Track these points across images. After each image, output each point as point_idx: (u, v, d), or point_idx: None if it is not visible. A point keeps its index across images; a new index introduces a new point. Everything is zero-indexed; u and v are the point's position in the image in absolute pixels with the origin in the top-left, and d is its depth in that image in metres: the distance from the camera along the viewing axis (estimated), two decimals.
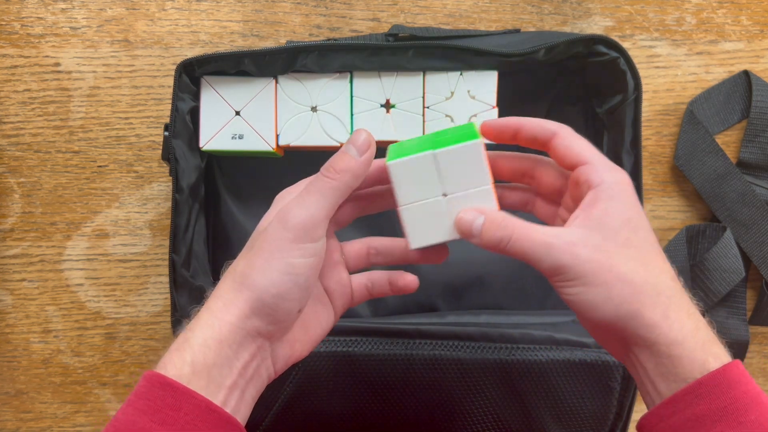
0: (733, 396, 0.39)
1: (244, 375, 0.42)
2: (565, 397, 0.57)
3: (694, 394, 0.39)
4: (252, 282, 0.41)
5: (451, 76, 0.57)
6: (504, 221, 0.42)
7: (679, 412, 0.40)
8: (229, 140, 0.57)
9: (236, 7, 0.65)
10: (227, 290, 0.42)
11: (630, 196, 0.42)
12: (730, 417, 0.39)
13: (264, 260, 0.41)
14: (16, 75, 0.65)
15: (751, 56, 0.66)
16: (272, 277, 0.41)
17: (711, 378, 0.39)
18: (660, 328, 0.40)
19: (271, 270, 0.41)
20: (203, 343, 0.40)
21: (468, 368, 0.57)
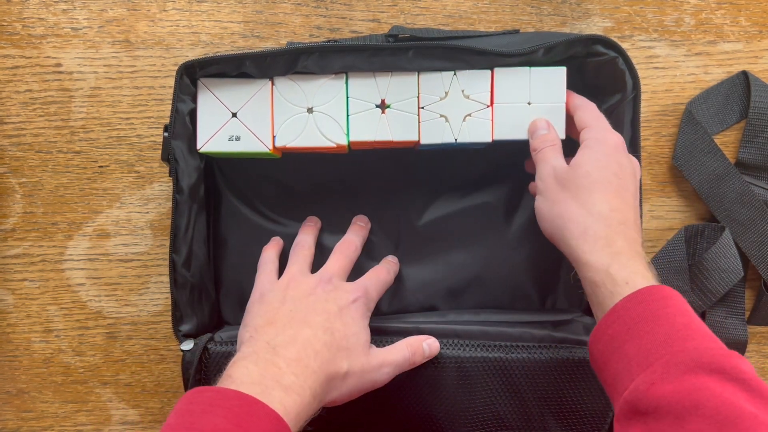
0: (666, 304, 0.46)
1: None
2: (565, 396, 0.57)
3: (632, 302, 0.46)
4: (335, 373, 0.51)
5: (445, 75, 0.58)
6: (552, 137, 0.57)
7: (619, 319, 0.46)
8: (226, 142, 0.58)
9: (237, 8, 0.65)
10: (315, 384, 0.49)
11: (598, 149, 0.53)
12: (662, 320, 0.45)
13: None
14: (18, 75, 0.65)
15: (749, 57, 0.67)
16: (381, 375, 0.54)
17: (648, 290, 0.47)
18: (577, 247, 0.51)
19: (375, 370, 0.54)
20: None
21: (468, 367, 0.57)
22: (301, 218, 0.63)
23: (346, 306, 0.54)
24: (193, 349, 0.56)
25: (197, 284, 0.59)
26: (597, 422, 0.58)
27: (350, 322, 0.54)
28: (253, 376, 0.46)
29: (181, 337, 0.58)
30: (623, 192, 0.52)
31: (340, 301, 0.54)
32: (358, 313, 0.55)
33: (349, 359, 0.52)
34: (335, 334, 0.52)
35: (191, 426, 0.42)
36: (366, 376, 0.53)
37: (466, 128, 0.58)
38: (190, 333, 0.58)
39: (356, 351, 0.53)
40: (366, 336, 0.54)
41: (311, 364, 0.49)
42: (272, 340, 0.50)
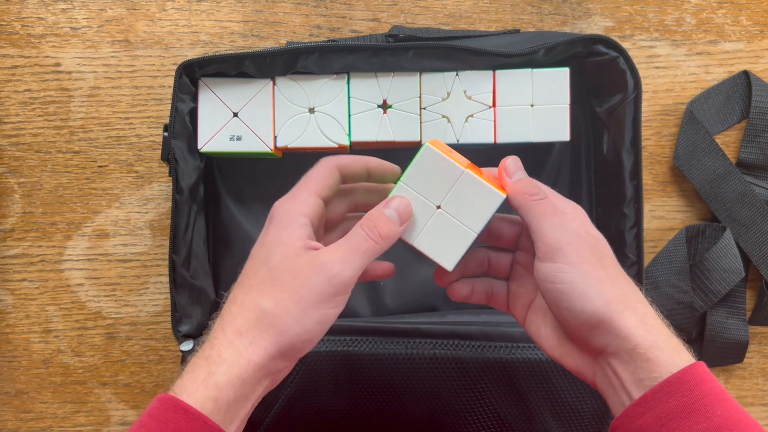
0: (701, 392, 0.40)
1: (255, 403, 0.43)
2: (566, 396, 0.57)
3: (663, 392, 0.40)
4: (284, 327, 0.42)
5: (447, 76, 0.58)
6: (542, 185, 0.46)
7: (650, 411, 0.40)
8: (228, 142, 0.57)
9: (236, 7, 0.65)
10: (252, 328, 0.42)
11: (591, 223, 0.46)
12: (699, 412, 0.40)
13: (301, 309, 0.42)
14: (17, 75, 0.65)
15: (750, 56, 0.66)
16: (307, 326, 0.42)
17: (679, 376, 0.40)
18: (640, 331, 0.42)
19: (307, 319, 0.42)
20: (229, 381, 0.41)
21: (468, 367, 0.57)
22: None
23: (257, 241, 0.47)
24: (193, 349, 0.56)
25: (197, 285, 0.59)
26: (597, 422, 0.58)
27: (256, 251, 0.46)
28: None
29: (180, 337, 0.58)
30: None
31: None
32: (263, 236, 0.46)
33: (263, 295, 0.43)
34: (242, 280, 0.46)
35: None
36: (296, 293, 0.43)
37: (468, 129, 0.58)
38: (189, 333, 0.58)
39: (272, 281, 0.44)
40: (284, 249, 0.44)
41: (226, 328, 0.44)
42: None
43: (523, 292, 0.49)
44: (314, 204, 0.46)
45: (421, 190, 0.46)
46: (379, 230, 0.44)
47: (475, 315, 0.61)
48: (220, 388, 0.41)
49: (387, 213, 0.45)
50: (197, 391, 0.41)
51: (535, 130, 0.58)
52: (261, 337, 0.42)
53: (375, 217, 0.45)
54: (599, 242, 0.45)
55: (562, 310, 0.43)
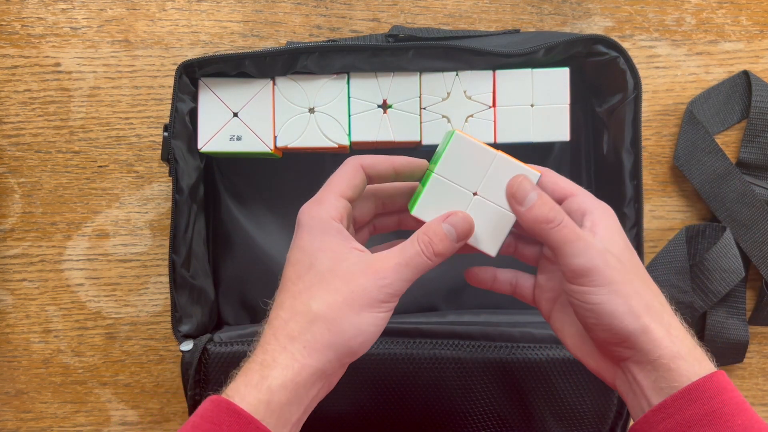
0: (722, 401, 0.40)
1: (309, 409, 0.44)
2: (566, 396, 0.57)
3: (684, 399, 0.40)
4: (340, 329, 0.42)
5: (447, 76, 0.58)
6: (557, 207, 0.44)
7: (670, 417, 0.41)
8: (228, 142, 0.57)
9: (236, 7, 0.65)
10: (305, 332, 0.42)
11: (619, 225, 0.45)
12: (719, 421, 0.40)
13: (356, 311, 0.42)
14: (17, 75, 0.65)
15: (750, 56, 0.66)
16: (362, 327, 0.42)
17: (700, 384, 0.40)
18: (665, 342, 0.42)
19: (362, 321, 0.42)
20: (282, 385, 0.41)
21: (468, 367, 0.57)
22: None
23: (289, 248, 0.46)
24: (193, 349, 0.56)
25: (197, 285, 0.59)
26: (597, 422, 0.58)
27: (297, 257, 0.45)
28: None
29: (180, 337, 0.58)
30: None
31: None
32: (300, 241, 0.45)
33: (314, 297, 0.43)
34: (287, 285, 0.45)
35: None
36: (343, 294, 0.43)
37: (468, 129, 0.58)
38: (189, 333, 0.58)
39: (320, 283, 0.43)
40: (328, 254, 0.44)
41: (277, 332, 0.44)
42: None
43: (549, 287, 0.49)
44: (341, 206, 0.45)
45: (456, 178, 0.46)
46: (434, 247, 0.44)
47: (475, 315, 0.61)
48: (272, 392, 0.41)
49: (445, 229, 0.45)
50: (250, 395, 0.41)
51: (535, 130, 0.58)
52: (315, 340, 0.42)
53: (432, 233, 0.44)
54: (625, 253, 0.44)
55: (590, 325, 0.44)
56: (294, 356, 0.42)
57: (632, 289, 0.43)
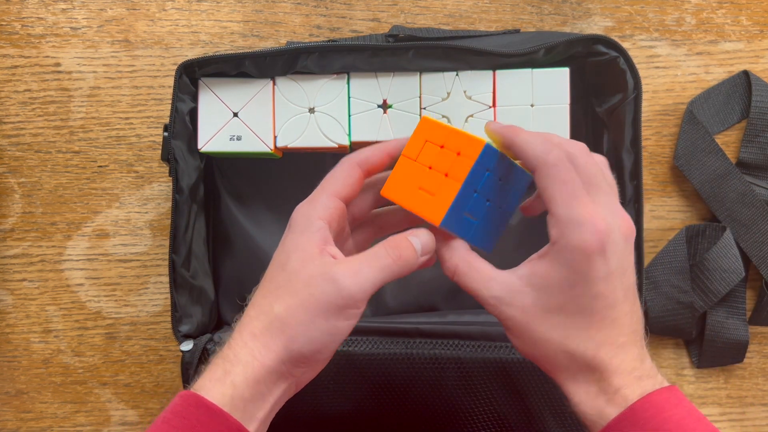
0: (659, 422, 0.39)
1: (275, 407, 0.44)
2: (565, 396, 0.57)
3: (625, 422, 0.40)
4: (292, 333, 0.42)
5: (447, 76, 0.57)
6: (453, 244, 0.46)
7: None
8: (228, 142, 0.57)
9: (236, 7, 0.65)
10: (264, 332, 0.42)
11: (582, 259, 0.40)
12: None
13: (309, 318, 0.42)
14: (17, 75, 0.65)
15: (750, 56, 0.66)
16: (313, 336, 0.42)
17: (633, 409, 0.40)
18: (568, 393, 0.42)
19: (314, 329, 0.42)
20: (244, 381, 0.41)
21: (468, 367, 0.57)
22: None
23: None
24: (193, 349, 0.56)
25: (196, 285, 0.59)
26: None
27: (276, 257, 0.46)
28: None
29: (180, 337, 0.58)
30: (611, 311, 0.43)
31: None
32: (282, 243, 0.45)
33: (278, 300, 0.43)
34: (262, 284, 0.45)
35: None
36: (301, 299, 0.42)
37: (468, 129, 0.58)
38: (189, 333, 0.58)
39: (286, 286, 0.43)
40: (299, 255, 0.43)
41: (242, 330, 0.44)
42: None
43: None
44: (332, 206, 0.45)
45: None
46: (401, 252, 0.44)
47: (475, 315, 0.61)
48: (235, 387, 0.41)
49: (412, 240, 0.44)
50: (214, 388, 0.41)
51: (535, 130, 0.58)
52: (272, 341, 0.42)
53: (398, 241, 0.44)
54: (545, 298, 0.42)
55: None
56: (253, 353, 0.42)
57: (538, 338, 0.42)
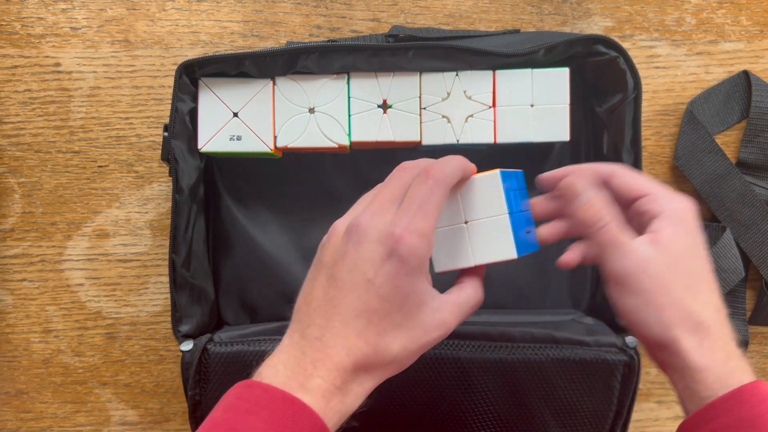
0: (757, 412, 0.41)
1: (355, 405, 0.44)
2: (566, 396, 0.57)
3: (716, 410, 0.42)
4: (382, 361, 0.43)
5: (447, 76, 0.58)
6: (605, 209, 0.46)
7: (709, 422, 0.42)
8: (228, 142, 0.57)
9: (236, 7, 0.65)
10: (376, 371, 0.44)
11: (692, 224, 0.45)
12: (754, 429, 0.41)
13: (414, 357, 0.44)
14: (17, 75, 0.65)
15: (750, 56, 0.66)
16: (404, 366, 0.45)
17: (732, 395, 0.42)
18: (692, 355, 0.43)
19: (410, 362, 0.45)
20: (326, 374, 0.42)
21: (468, 368, 0.57)
22: (301, 219, 0.63)
23: (376, 273, 0.42)
24: (193, 349, 0.56)
25: (197, 285, 0.59)
26: (598, 423, 0.58)
27: (388, 293, 0.42)
28: (280, 378, 0.43)
29: (180, 337, 0.58)
30: (714, 280, 0.46)
31: (366, 265, 0.42)
32: (395, 276, 0.42)
33: (399, 341, 0.43)
34: (372, 317, 0.42)
35: (233, 426, 0.40)
36: (419, 344, 0.44)
37: (468, 129, 0.58)
38: (189, 333, 0.58)
39: (410, 329, 0.43)
40: (416, 298, 0.43)
41: (343, 361, 0.42)
42: (304, 330, 0.44)
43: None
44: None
45: (444, 222, 0.48)
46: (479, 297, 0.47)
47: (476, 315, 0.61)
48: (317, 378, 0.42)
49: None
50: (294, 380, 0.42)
51: (535, 130, 0.58)
52: (354, 376, 0.43)
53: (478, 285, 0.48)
54: (684, 261, 0.45)
55: (624, 322, 0.46)
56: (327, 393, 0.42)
57: (669, 299, 0.44)
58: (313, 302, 0.44)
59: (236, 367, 0.48)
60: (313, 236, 0.64)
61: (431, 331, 0.44)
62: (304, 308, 0.44)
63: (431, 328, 0.44)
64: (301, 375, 0.42)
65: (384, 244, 0.42)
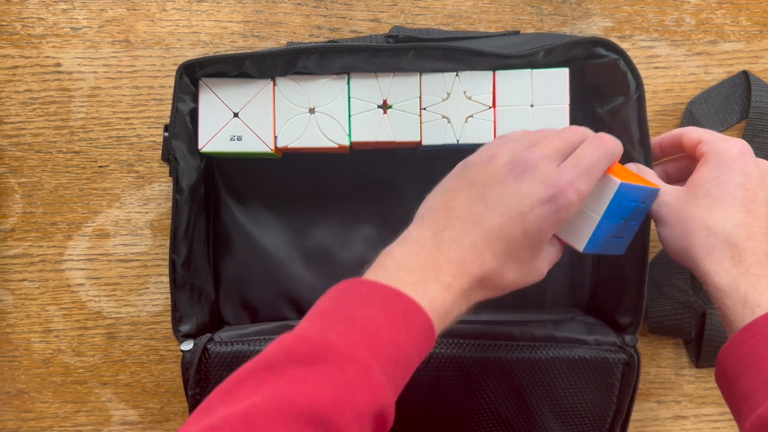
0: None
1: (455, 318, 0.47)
2: (566, 395, 0.57)
3: (742, 337, 0.46)
4: (497, 284, 0.47)
5: (447, 77, 0.58)
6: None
7: (734, 351, 0.47)
8: (228, 142, 0.57)
9: (237, 7, 0.65)
10: (461, 266, 0.45)
11: (729, 159, 0.51)
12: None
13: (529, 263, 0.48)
14: (17, 75, 0.65)
15: (750, 57, 0.67)
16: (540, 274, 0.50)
17: (758, 323, 0.46)
18: (703, 268, 0.50)
19: (537, 272, 0.50)
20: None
21: (467, 366, 0.57)
22: (301, 219, 0.63)
23: (531, 209, 0.45)
24: (193, 349, 0.56)
25: (197, 284, 0.59)
26: (598, 421, 0.58)
27: (532, 232, 0.46)
28: (413, 265, 0.45)
29: (180, 337, 0.58)
30: (750, 203, 0.51)
31: (526, 200, 0.45)
32: (546, 220, 0.46)
33: (515, 272, 0.47)
34: (509, 246, 0.46)
35: (347, 314, 0.41)
36: (524, 281, 0.49)
37: (468, 129, 0.58)
38: (189, 333, 0.58)
39: (527, 264, 0.48)
40: (544, 251, 0.49)
41: (474, 272, 0.45)
42: (440, 232, 0.46)
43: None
44: None
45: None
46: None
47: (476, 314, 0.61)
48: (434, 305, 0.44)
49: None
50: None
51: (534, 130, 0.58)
52: (469, 284, 0.45)
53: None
54: (695, 189, 0.52)
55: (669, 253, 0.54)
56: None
57: (680, 218, 0.51)
58: (455, 209, 0.47)
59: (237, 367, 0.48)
60: (313, 236, 0.64)
61: (535, 275, 0.49)
62: (442, 212, 0.47)
63: (536, 274, 0.49)
64: (435, 269, 0.45)
65: (547, 189, 0.46)
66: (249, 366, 0.39)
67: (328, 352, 0.39)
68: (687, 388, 0.68)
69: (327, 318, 0.42)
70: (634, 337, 0.57)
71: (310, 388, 0.37)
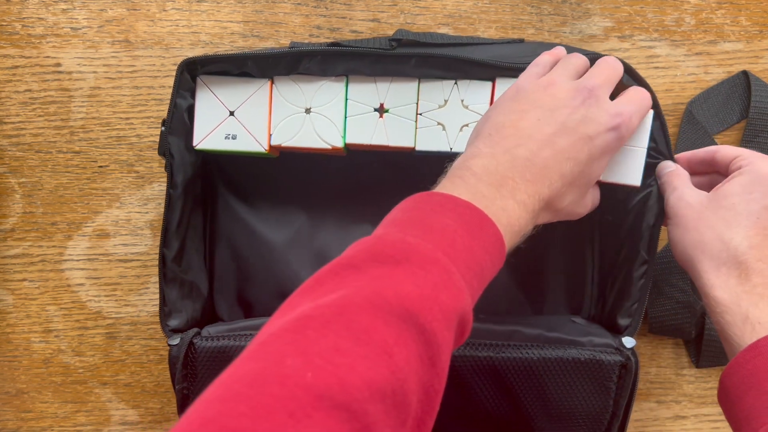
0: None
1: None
2: (558, 396, 0.56)
3: (746, 357, 0.46)
4: (556, 206, 0.49)
5: (445, 84, 0.57)
6: (674, 166, 0.56)
7: (738, 371, 0.47)
8: (223, 140, 0.58)
9: (237, 7, 0.65)
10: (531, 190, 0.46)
11: (751, 179, 0.51)
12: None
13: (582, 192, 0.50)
14: (17, 75, 0.65)
15: (750, 57, 0.66)
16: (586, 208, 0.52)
17: (761, 344, 0.46)
18: (708, 280, 0.50)
19: (585, 205, 0.52)
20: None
21: (456, 365, 0.56)
22: (298, 218, 0.63)
23: (597, 134, 0.48)
24: (179, 344, 0.55)
25: (187, 279, 0.59)
26: (593, 424, 0.58)
27: (595, 156, 0.48)
28: (491, 179, 0.45)
29: (168, 332, 0.57)
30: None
31: (593, 125, 0.48)
32: (608, 146, 0.49)
33: (572, 197, 0.49)
34: (575, 168, 0.47)
35: (422, 221, 0.41)
36: (572, 212, 0.51)
37: (462, 138, 0.57)
38: (178, 328, 0.58)
39: (583, 190, 0.50)
40: (598, 175, 0.50)
41: (543, 192, 0.46)
42: (512, 149, 0.47)
43: None
44: None
45: None
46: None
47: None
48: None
49: None
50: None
51: None
52: (536, 206, 0.46)
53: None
54: (719, 200, 0.51)
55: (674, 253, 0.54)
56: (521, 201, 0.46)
57: (696, 225, 0.51)
58: (526, 129, 0.47)
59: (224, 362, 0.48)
60: (310, 235, 0.64)
61: (581, 208, 0.51)
62: (512, 130, 0.48)
63: (582, 207, 0.51)
64: (511, 185, 0.45)
65: (613, 118, 0.48)
66: (329, 266, 0.39)
67: (410, 254, 0.39)
68: (687, 388, 0.68)
69: (402, 225, 0.41)
70: (632, 339, 0.56)
71: (396, 284, 0.37)
